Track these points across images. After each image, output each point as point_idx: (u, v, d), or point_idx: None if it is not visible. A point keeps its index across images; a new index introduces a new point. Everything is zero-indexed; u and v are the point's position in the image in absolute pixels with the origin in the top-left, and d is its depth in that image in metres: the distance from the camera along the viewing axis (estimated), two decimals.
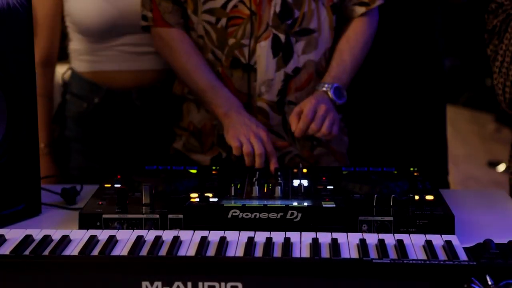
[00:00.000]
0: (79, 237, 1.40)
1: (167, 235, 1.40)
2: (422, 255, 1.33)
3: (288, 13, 1.92)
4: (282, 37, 1.93)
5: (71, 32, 2.26)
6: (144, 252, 1.34)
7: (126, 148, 2.22)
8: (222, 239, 1.38)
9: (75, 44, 2.26)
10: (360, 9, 1.99)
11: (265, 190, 1.66)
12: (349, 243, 1.38)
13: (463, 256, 1.31)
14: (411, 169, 1.81)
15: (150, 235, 1.41)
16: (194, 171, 1.81)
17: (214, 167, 1.86)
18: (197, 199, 1.59)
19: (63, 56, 2.33)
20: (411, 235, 1.41)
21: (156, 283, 1.23)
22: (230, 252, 1.34)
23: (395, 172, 1.79)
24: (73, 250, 1.35)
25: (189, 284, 1.23)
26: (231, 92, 1.93)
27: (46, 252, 1.33)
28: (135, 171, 1.77)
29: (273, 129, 1.98)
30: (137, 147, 2.22)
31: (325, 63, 2.00)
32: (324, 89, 1.91)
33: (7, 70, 1.60)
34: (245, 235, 1.40)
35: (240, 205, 1.53)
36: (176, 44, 1.98)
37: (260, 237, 1.39)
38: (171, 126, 2.13)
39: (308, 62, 1.97)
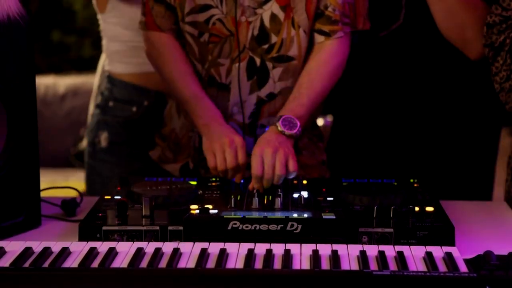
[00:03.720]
0: (79, 249, 1.40)
1: (167, 247, 1.40)
2: (422, 267, 1.33)
3: (265, 38, 1.90)
4: (257, 60, 1.91)
5: (112, 32, 2.25)
6: (144, 264, 1.34)
7: None
8: (222, 251, 1.38)
9: (116, 45, 2.25)
10: (319, 38, 1.93)
11: (265, 202, 1.66)
12: (349, 254, 1.38)
13: (463, 268, 1.31)
14: (411, 180, 1.81)
15: (150, 247, 1.40)
16: (194, 182, 1.81)
17: (214, 179, 1.86)
18: (197, 211, 1.59)
19: (63, 67, 2.34)
20: (411, 246, 1.41)
21: None
22: (230, 264, 1.34)
23: (395, 184, 1.79)
24: (73, 262, 1.35)
25: None
26: (213, 104, 1.91)
27: (46, 265, 1.33)
28: (136, 183, 1.77)
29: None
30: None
31: None
32: (272, 123, 1.83)
33: (8, 82, 1.60)
34: (245, 247, 1.40)
35: (240, 216, 1.53)
36: (165, 49, 1.96)
37: (260, 249, 1.39)
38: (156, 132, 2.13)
39: (284, 89, 1.94)
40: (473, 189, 2.18)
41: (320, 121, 2.72)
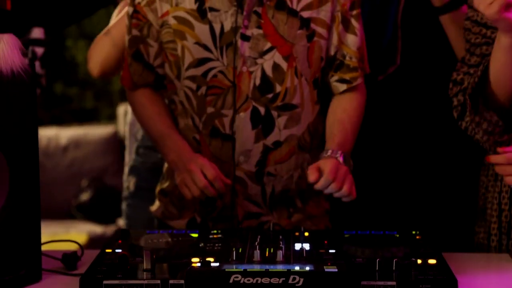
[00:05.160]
0: None
1: None
2: None
3: (269, 87, 1.92)
4: (262, 110, 1.93)
5: None
6: None
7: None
8: None
9: None
10: (341, 86, 1.98)
11: (267, 254, 1.66)
12: None
13: None
14: (413, 232, 1.81)
15: None
16: (195, 235, 1.81)
17: (215, 231, 1.85)
18: (199, 264, 1.58)
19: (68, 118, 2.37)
20: None
21: None
22: None
23: (397, 236, 1.78)
24: None
25: None
26: (181, 139, 1.94)
27: None
28: (137, 236, 1.77)
29: (251, 199, 1.97)
30: None
31: (309, 137, 1.99)
32: (331, 154, 1.88)
33: (11, 136, 1.61)
34: None
35: (242, 270, 1.52)
36: (136, 97, 2.01)
37: None
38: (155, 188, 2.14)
39: (290, 137, 1.96)
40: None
41: None
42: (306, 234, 1.80)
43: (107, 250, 1.69)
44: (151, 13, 1.94)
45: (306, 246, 1.69)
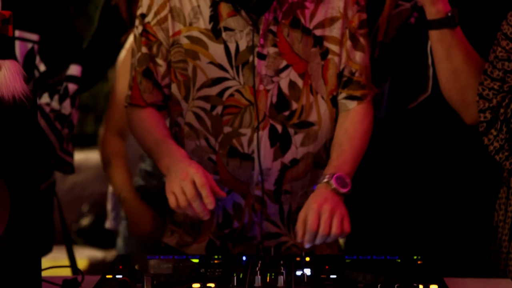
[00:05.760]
0: None
1: None
2: None
3: (285, 105, 1.93)
4: (279, 127, 1.93)
5: None
6: None
7: None
8: None
9: None
10: (350, 104, 1.97)
11: (268, 280, 1.65)
12: None
13: None
14: (415, 257, 1.80)
15: None
16: (196, 260, 1.80)
17: (216, 256, 1.85)
18: None
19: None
20: None
21: None
22: None
23: (399, 261, 1.78)
24: None
25: None
26: (176, 146, 1.91)
27: None
28: (138, 261, 1.76)
29: (270, 218, 1.97)
30: None
31: (325, 154, 1.99)
32: (325, 180, 1.87)
33: (12, 162, 1.61)
34: None
35: None
36: (136, 113, 1.99)
37: None
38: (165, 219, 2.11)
39: (306, 154, 1.96)
40: (478, 265, 2.17)
41: None
42: (307, 259, 1.80)
43: (107, 276, 1.69)
44: (161, 32, 1.95)
45: (307, 272, 1.68)
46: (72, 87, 2.19)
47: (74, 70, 2.21)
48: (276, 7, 1.90)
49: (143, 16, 1.97)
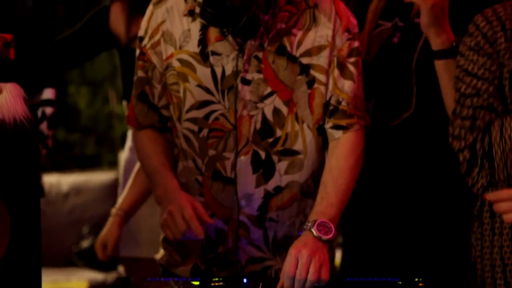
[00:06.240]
0: None
1: None
2: None
3: (269, 132, 1.92)
4: (262, 154, 1.92)
5: None
6: None
7: None
8: None
9: None
10: (336, 133, 1.93)
11: None
12: None
13: None
14: (416, 279, 1.79)
15: None
16: (196, 282, 1.80)
17: (216, 279, 1.84)
18: None
19: None
20: None
21: None
22: None
23: (400, 283, 1.77)
24: None
25: None
26: (170, 175, 1.94)
27: None
28: (138, 284, 1.75)
29: (254, 243, 1.95)
30: None
31: (313, 183, 1.96)
32: (307, 228, 1.82)
33: (12, 184, 1.61)
34: None
35: None
36: (139, 137, 2.02)
37: None
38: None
39: (291, 183, 1.94)
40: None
41: None
42: None
43: None
44: (155, 55, 1.97)
45: None
46: (49, 110, 2.21)
47: (48, 94, 2.23)
48: (262, 33, 1.90)
49: (141, 39, 1.99)
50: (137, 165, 2.54)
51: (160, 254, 2.08)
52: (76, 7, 4.63)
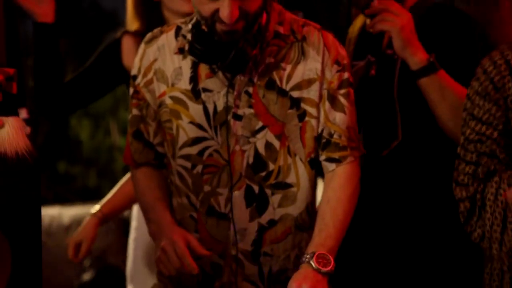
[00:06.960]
0: None
1: None
2: None
3: (262, 166, 1.92)
4: (256, 188, 1.92)
5: None
6: None
7: None
8: None
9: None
10: (330, 166, 1.92)
11: None
12: None
13: None
14: None
15: None
16: None
17: None
18: None
19: None
20: None
21: None
22: None
23: None
24: None
25: None
26: (164, 211, 1.94)
27: None
28: None
29: (249, 279, 1.94)
30: None
31: (307, 216, 1.95)
32: (306, 260, 1.82)
33: (14, 218, 1.61)
34: None
35: None
36: (136, 174, 2.03)
37: None
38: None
39: (285, 215, 1.93)
40: None
41: None
42: None
43: None
44: (148, 93, 1.98)
45: None
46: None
47: (21, 114, 2.24)
48: (251, 68, 1.90)
49: (134, 77, 2.01)
50: (128, 175, 2.52)
51: (156, 286, 2.06)
52: (78, 41, 4.68)
